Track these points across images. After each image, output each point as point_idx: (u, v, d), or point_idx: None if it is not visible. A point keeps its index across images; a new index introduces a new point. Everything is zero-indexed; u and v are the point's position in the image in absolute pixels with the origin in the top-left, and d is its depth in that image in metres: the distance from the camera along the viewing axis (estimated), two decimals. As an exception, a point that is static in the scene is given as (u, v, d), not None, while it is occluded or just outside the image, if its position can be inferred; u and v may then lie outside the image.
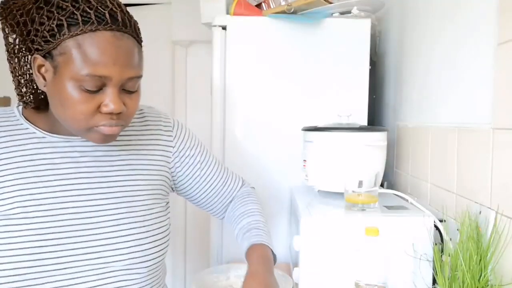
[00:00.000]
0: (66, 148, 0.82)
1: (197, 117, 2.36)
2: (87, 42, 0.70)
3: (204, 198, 1.01)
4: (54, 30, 0.70)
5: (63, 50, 0.71)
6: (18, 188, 0.76)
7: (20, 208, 0.75)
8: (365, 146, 1.20)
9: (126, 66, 0.73)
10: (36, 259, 0.74)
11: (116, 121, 0.75)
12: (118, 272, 0.81)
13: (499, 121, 0.83)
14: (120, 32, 0.72)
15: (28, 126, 0.81)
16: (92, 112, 0.73)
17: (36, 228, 0.75)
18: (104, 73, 0.71)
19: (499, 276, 0.80)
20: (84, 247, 0.78)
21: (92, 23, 0.70)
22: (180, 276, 2.50)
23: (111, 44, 0.71)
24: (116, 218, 0.82)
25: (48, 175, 0.78)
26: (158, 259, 0.86)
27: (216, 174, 1.01)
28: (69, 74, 0.71)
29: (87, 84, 0.71)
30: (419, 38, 1.31)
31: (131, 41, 0.74)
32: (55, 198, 0.78)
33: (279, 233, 1.50)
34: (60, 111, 0.75)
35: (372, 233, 0.88)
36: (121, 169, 0.85)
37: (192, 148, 0.98)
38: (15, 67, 0.79)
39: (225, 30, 1.50)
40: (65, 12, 0.70)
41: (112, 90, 0.73)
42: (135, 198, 0.85)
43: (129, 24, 0.74)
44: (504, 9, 0.82)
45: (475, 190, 0.92)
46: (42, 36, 0.71)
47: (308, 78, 1.50)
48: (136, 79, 0.76)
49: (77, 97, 0.72)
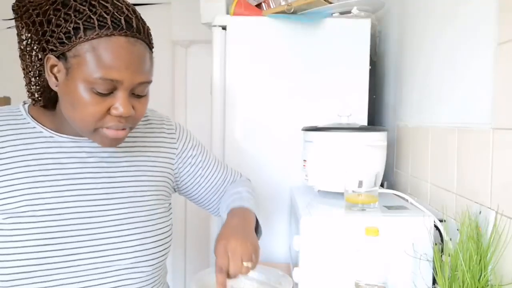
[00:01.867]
0: (74, 149, 0.83)
1: (197, 117, 2.36)
2: (102, 46, 0.71)
3: (205, 195, 1.04)
4: (71, 32, 0.71)
5: (78, 52, 0.72)
6: (27, 186, 0.77)
7: (28, 206, 0.76)
8: (365, 146, 1.20)
9: (137, 71, 0.74)
10: (42, 257, 0.75)
11: (124, 124, 0.77)
12: (123, 271, 0.82)
13: (499, 121, 0.83)
14: (134, 38, 0.74)
15: (35, 125, 0.82)
16: (101, 114, 0.74)
17: (43, 227, 0.76)
18: (116, 77, 0.72)
19: (499, 276, 0.80)
20: (90, 245, 0.79)
21: (108, 28, 0.71)
22: (180, 276, 2.50)
23: (125, 49, 0.72)
24: (121, 218, 0.83)
25: (55, 175, 0.80)
26: (161, 258, 0.88)
27: (217, 172, 1.04)
28: (82, 76, 0.72)
29: (98, 87, 0.72)
30: (419, 38, 1.31)
31: (144, 47, 0.76)
32: (62, 197, 0.79)
33: (279, 233, 1.50)
34: (70, 111, 0.76)
35: (372, 233, 0.88)
36: (126, 170, 0.87)
37: (194, 149, 1.01)
38: (27, 64, 0.80)
39: (225, 30, 1.50)
40: (82, 16, 0.71)
41: (123, 94, 0.74)
42: (139, 198, 0.86)
43: (143, 30, 0.76)
44: (504, 9, 0.82)
45: (475, 190, 0.92)
46: (57, 38, 0.72)
47: (308, 78, 1.50)
48: (146, 84, 0.78)
49: (88, 99, 0.73)
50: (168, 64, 2.49)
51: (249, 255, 0.80)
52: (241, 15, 1.50)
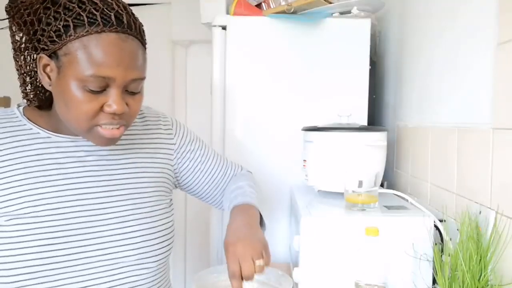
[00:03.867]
0: (72, 148, 0.83)
1: (197, 117, 2.36)
2: (92, 43, 0.71)
3: (206, 189, 1.04)
4: (61, 30, 0.71)
5: (68, 50, 0.71)
6: (27, 188, 0.77)
7: (30, 207, 0.76)
8: (365, 146, 1.20)
9: (129, 68, 0.74)
10: (46, 257, 0.75)
11: (118, 121, 0.76)
12: (128, 268, 0.83)
13: (499, 121, 0.83)
14: (125, 34, 0.73)
15: (31, 127, 0.82)
16: (94, 112, 0.74)
17: (47, 227, 0.76)
18: (108, 74, 0.71)
19: (499, 276, 0.80)
20: (93, 243, 0.80)
21: (98, 25, 0.71)
22: (180, 276, 2.50)
23: (116, 45, 0.72)
24: (124, 215, 0.83)
25: (54, 175, 0.80)
26: (165, 254, 0.89)
27: (216, 166, 1.04)
28: (74, 74, 0.71)
29: (91, 84, 0.72)
30: (419, 38, 1.31)
31: (136, 43, 0.75)
32: (63, 197, 0.79)
33: (279, 233, 1.50)
34: (64, 110, 0.76)
35: (372, 233, 0.88)
36: (126, 167, 0.87)
37: (192, 143, 1.01)
38: (20, 65, 0.80)
39: (225, 30, 1.50)
40: (71, 13, 0.71)
41: (115, 91, 0.74)
42: (140, 195, 0.87)
43: (134, 26, 0.75)
44: (504, 9, 0.82)
45: (475, 190, 0.92)
46: (48, 36, 0.72)
47: (308, 78, 1.50)
48: (139, 81, 0.77)
49: (81, 97, 0.72)
50: (168, 64, 2.49)
51: (259, 253, 0.79)
52: (241, 15, 1.50)
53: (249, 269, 0.77)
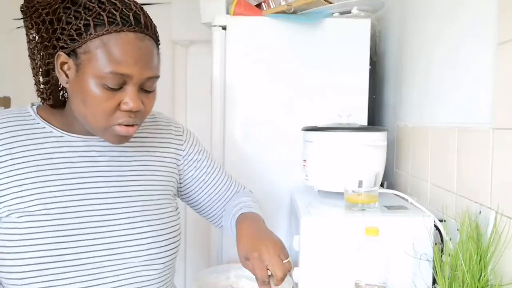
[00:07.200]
0: (84, 148, 0.84)
1: (197, 117, 2.35)
2: (112, 42, 0.73)
3: (207, 202, 1.03)
4: (81, 29, 0.73)
5: (88, 48, 0.73)
6: (38, 185, 0.78)
7: (41, 205, 0.77)
8: (365, 146, 1.20)
9: (146, 66, 0.76)
10: (55, 255, 0.76)
11: (134, 119, 0.78)
12: (136, 268, 0.83)
13: (499, 121, 0.83)
14: (142, 33, 0.76)
15: (45, 125, 0.83)
16: (112, 109, 0.76)
17: (57, 224, 0.77)
18: (126, 71, 0.73)
19: (499, 276, 0.80)
20: (102, 243, 0.80)
21: (117, 24, 0.73)
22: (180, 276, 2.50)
23: (134, 44, 0.74)
24: (133, 216, 0.84)
25: (66, 173, 0.81)
26: (172, 256, 0.89)
27: (221, 179, 1.04)
28: (92, 71, 0.73)
29: (109, 81, 0.73)
30: (419, 38, 1.31)
31: (152, 43, 0.78)
32: (74, 195, 0.80)
33: (279, 233, 1.49)
34: (82, 108, 0.77)
35: (372, 233, 0.88)
36: (136, 169, 0.88)
37: (200, 153, 1.01)
38: (36, 63, 0.81)
39: (225, 30, 1.50)
40: (92, 13, 0.73)
41: (132, 89, 0.76)
42: (150, 197, 0.88)
43: (150, 26, 0.78)
44: (504, 9, 0.82)
45: (475, 190, 0.92)
46: (68, 35, 0.74)
47: (308, 78, 1.50)
48: (154, 79, 0.79)
49: (99, 94, 0.74)
50: (168, 64, 2.48)
51: (283, 252, 0.81)
52: (241, 15, 1.50)
53: (282, 270, 0.79)
